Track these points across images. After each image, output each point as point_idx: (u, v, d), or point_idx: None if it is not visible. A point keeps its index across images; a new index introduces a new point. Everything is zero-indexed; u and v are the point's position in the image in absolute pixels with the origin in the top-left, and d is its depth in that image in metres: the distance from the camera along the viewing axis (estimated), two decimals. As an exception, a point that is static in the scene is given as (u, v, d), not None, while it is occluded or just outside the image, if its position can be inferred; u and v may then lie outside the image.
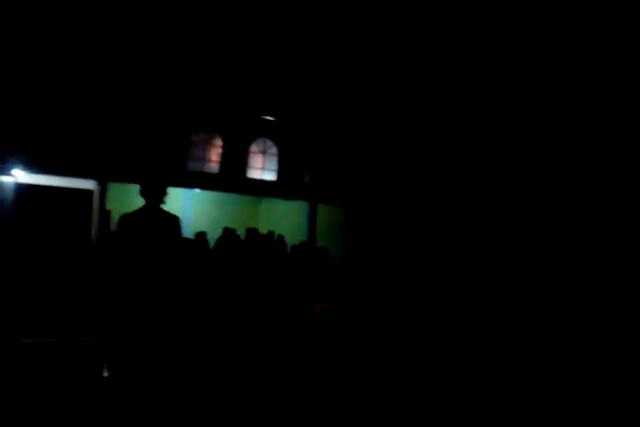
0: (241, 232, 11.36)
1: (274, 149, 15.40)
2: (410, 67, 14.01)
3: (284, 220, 15.57)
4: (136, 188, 4.47)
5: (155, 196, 4.35)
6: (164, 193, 4.41)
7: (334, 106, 15.24)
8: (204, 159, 14.38)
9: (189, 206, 14.51)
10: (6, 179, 11.32)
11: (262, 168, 15.24)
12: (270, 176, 15.36)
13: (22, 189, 11.59)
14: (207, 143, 14.43)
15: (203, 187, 14.39)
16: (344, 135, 15.55)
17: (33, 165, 11.44)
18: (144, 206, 4.37)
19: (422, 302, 9.73)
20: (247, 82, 14.36)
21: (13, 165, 11.18)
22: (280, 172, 15.43)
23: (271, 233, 11.86)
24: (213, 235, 11.23)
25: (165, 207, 4.48)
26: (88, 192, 12.78)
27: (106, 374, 4.43)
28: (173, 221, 4.40)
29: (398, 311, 9.22)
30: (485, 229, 12.58)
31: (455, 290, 10.42)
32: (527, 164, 11.93)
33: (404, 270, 11.93)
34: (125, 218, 4.37)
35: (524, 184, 11.95)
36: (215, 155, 14.51)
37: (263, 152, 15.26)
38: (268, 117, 15.04)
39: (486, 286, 10.47)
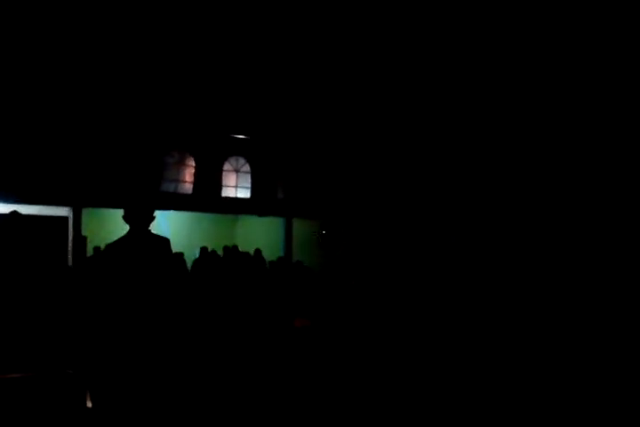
0: (220, 251, 11.48)
1: (247, 167, 15.55)
2: (378, 85, 14.28)
3: (262, 236, 15.68)
4: (111, 212, 4.32)
5: (141, 221, 4.02)
6: (152, 218, 4.10)
7: (304, 122, 15.45)
8: (178, 180, 14.45)
9: (167, 227, 14.53)
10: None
11: (236, 186, 15.36)
12: (244, 194, 15.49)
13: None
14: (180, 164, 14.51)
15: (177, 208, 14.39)
16: (316, 150, 15.76)
17: (6, 195, 11.41)
18: (129, 233, 4.03)
19: (403, 315, 9.86)
20: (217, 101, 14.50)
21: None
22: (254, 189, 15.57)
23: (258, 251, 11.91)
24: (192, 255, 11.33)
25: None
26: (63, 219, 12.75)
27: (90, 404, 4.48)
28: (165, 244, 4.09)
29: (380, 325, 9.34)
30: (460, 236, 12.75)
31: (435, 303, 10.50)
32: (501, 166, 12.11)
33: (383, 283, 12.07)
34: (112, 247, 4.09)
35: (499, 187, 12.11)
36: (189, 175, 14.60)
37: (236, 170, 15.39)
38: (240, 136, 15.20)
39: (468, 297, 10.53)
